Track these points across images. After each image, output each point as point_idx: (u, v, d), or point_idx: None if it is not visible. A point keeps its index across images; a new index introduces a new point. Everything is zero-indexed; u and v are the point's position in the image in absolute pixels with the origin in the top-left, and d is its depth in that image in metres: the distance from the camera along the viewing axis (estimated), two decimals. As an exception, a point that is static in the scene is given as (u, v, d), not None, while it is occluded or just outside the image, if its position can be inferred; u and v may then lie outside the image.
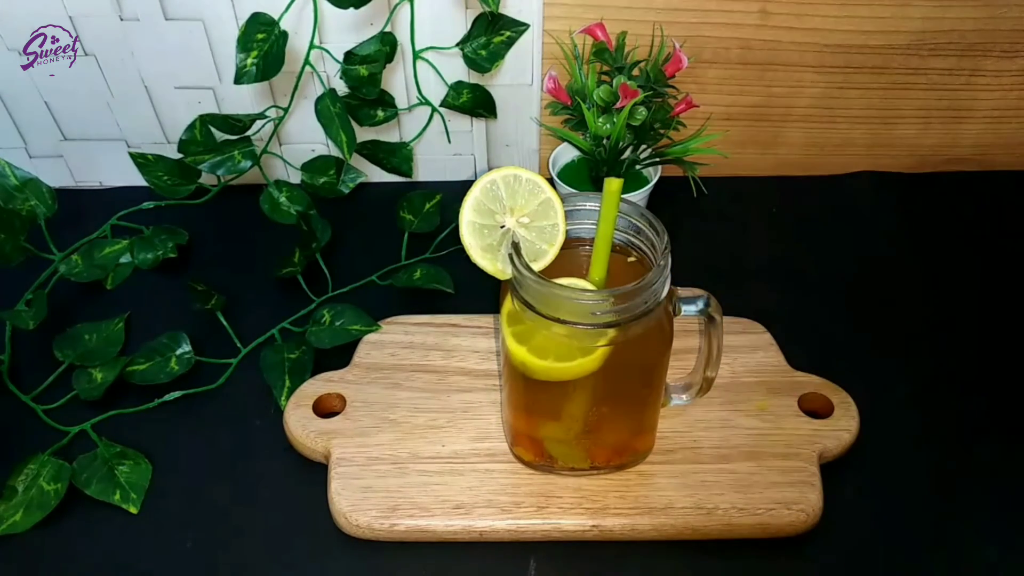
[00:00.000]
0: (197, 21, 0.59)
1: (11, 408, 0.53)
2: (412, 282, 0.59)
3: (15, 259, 0.54)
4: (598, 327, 0.38)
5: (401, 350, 0.54)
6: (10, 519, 0.46)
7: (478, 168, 0.70)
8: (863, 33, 0.62)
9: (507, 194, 0.40)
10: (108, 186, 0.69)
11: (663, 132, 0.59)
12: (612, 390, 0.42)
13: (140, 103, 0.64)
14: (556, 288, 0.37)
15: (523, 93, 0.64)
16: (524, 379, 0.42)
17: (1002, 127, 0.68)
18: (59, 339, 0.55)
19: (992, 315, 0.58)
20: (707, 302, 0.42)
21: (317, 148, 0.67)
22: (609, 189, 0.38)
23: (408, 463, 0.48)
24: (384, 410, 0.50)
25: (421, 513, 0.45)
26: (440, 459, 0.48)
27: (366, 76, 0.56)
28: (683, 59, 0.57)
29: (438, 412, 0.50)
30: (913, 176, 0.70)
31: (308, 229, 0.59)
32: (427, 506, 0.46)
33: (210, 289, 0.56)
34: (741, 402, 0.50)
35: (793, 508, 0.45)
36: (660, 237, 0.39)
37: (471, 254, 0.40)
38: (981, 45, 0.63)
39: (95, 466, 0.48)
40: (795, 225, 0.67)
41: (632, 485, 0.47)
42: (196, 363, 0.54)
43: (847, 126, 0.68)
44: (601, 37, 0.58)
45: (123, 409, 0.52)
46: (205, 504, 0.48)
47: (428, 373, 0.52)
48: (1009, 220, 0.66)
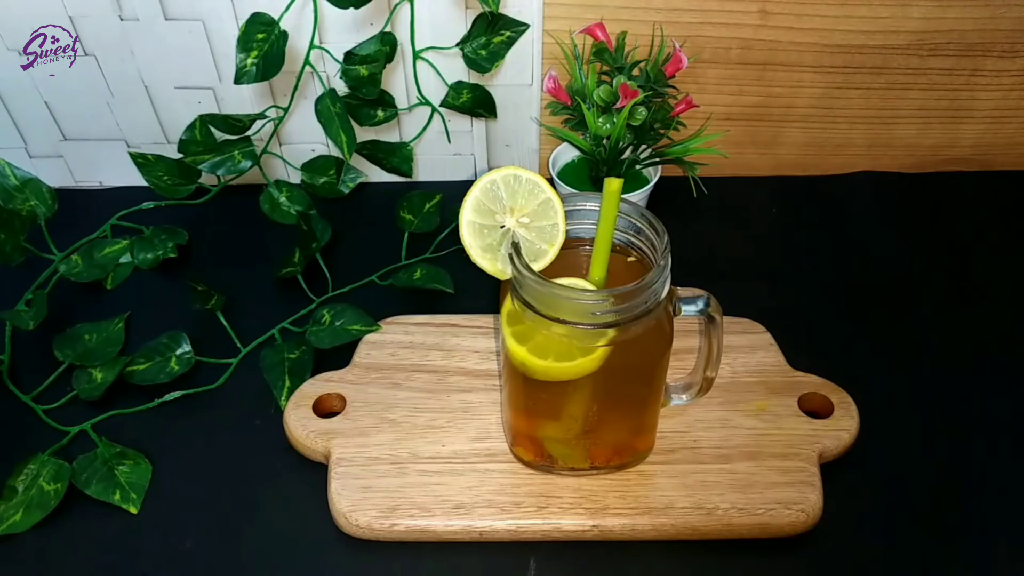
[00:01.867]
0: (197, 21, 0.59)
1: (11, 408, 0.53)
2: (412, 282, 0.59)
3: (15, 259, 0.54)
4: (598, 327, 0.38)
5: (401, 350, 0.54)
6: (10, 519, 0.46)
7: (478, 168, 0.70)
8: (863, 33, 0.62)
9: (507, 194, 0.40)
10: (108, 186, 0.69)
11: (663, 132, 0.59)
12: (612, 390, 0.42)
13: (140, 103, 0.64)
14: (556, 288, 0.37)
15: (523, 93, 0.64)
16: (524, 379, 0.42)
17: (1002, 127, 0.68)
18: (59, 339, 0.55)
19: (991, 315, 0.58)
20: (707, 302, 0.42)
21: (317, 148, 0.67)
22: (609, 189, 0.38)
23: (408, 463, 0.48)
24: (384, 410, 0.50)
25: (421, 513, 0.45)
26: (440, 459, 0.48)
27: (366, 76, 0.56)
28: (683, 59, 0.57)
29: (438, 412, 0.50)
30: (913, 176, 0.70)
31: (308, 229, 0.58)
32: (427, 506, 0.46)
33: (210, 289, 0.56)
34: (741, 402, 0.50)
35: (793, 508, 0.45)
36: (660, 237, 0.39)
37: (471, 254, 0.40)
38: (981, 45, 0.63)
39: (95, 466, 0.48)
40: (795, 225, 0.67)
41: (632, 485, 0.47)
42: (196, 363, 0.54)
43: (847, 126, 0.68)
44: (601, 37, 0.58)
45: (123, 409, 0.52)
46: (204, 504, 0.48)
47: (428, 373, 0.52)
48: (1009, 220, 0.66)
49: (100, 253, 0.61)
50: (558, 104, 0.60)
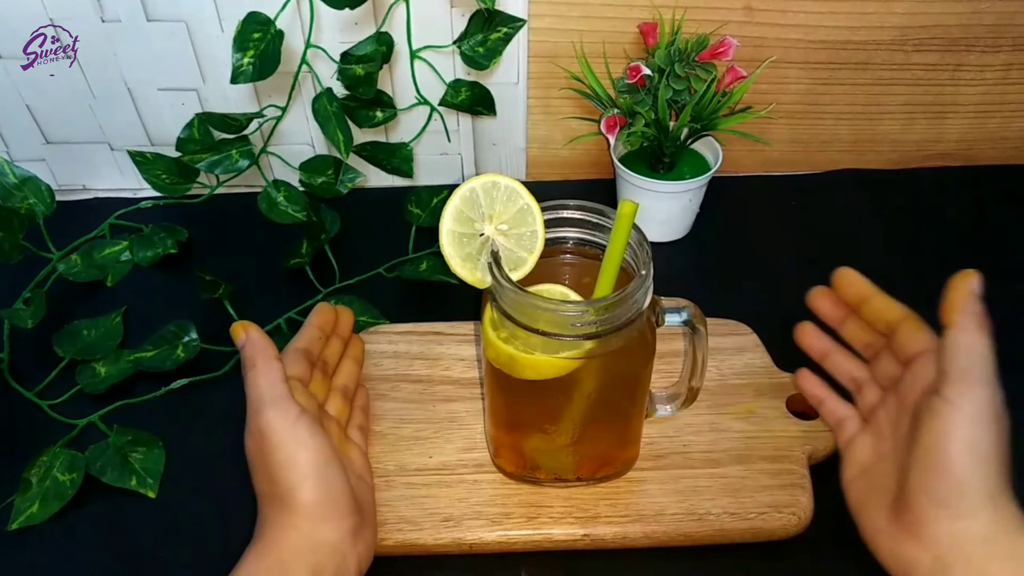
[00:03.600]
0: (180, 22, 0.59)
1: (14, 405, 0.53)
2: (418, 274, 0.60)
3: (13, 257, 0.55)
4: (579, 338, 0.38)
5: (385, 360, 0.53)
6: (27, 511, 0.47)
7: (465, 167, 0.69)
8: (847, 29, 0.62)
9: (486, 202, 0.40)
10: (91, 188, 0.69)
11: (719, 102, 0.58)
12: (594, 401, 0.41)
13: (123, 105, 0.63)
14: (535, 299, 0.37)
15: (510, 92, 0.64)
16: (506, 388, 0.41)
17: (986, 121, 0.68)
18: (58, 336, 0.55)
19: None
20: (691, 312, 0.41)
21: (316, 148, 0.66)
22: (623, 211, 0.38)
23: (395, 476, 0.47)
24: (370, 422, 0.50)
25: (410, 527, 0.45)
26: (427, 471, 0.47)
27: (362, 76, 0.56)
28: (732, 43, 0.57)
29: (424, 423, 0.50)
30: (898, 172, 0.70)
31: (317, 220, 0.59)
32: (415, 520, 0.45)
33: (217, 279, 0.56)
34: (729, 405, 0.50)
35: (784, 511, 0.45)
36: (642, 247, 0.38)
37: (451, 264, 0.40)
38: (964, 40, 0.63)
39: (108, 454, 0.49)
40: (779, 223, 0.66)
41: (622, 492, 0.46)
42: (203, 353, 0.55)
43: (832, 122, 0.68)
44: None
45: (129, 399, 0.53)
46: (214, 490, 0.48)
47: (413, 383, 0.52)
48: (995, 214, 0.66)
49: (100, 253, 0.61)
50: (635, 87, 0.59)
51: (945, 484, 0.35)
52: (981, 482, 0.35)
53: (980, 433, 0.35)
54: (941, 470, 0.35)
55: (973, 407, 0.35)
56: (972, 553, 0.35)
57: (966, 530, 0.35)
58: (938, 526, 0.35)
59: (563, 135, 0.68)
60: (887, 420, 0.40)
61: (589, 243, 0.42)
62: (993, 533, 0.35)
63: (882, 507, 0.38)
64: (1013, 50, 0.64)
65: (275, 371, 0.40)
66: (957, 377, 0.35)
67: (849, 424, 0.42)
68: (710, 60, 0.57)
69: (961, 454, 0.35)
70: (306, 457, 0.38)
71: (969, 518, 0.35)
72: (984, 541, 0.35)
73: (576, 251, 0.42)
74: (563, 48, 0.62)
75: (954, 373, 0.35)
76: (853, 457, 0.41)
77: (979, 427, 0.35)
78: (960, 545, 0.35)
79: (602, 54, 0.61)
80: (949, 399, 0.35)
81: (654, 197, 0.61)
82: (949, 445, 0.35)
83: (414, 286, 0.60)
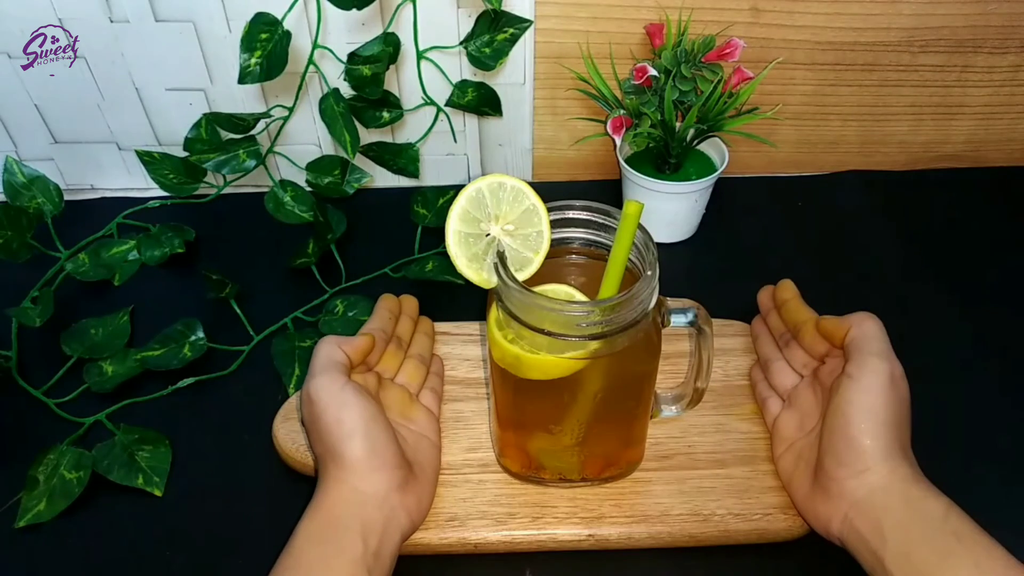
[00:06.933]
0: (188, 22, 0.59)
1: (22, 404, 0.53)
2: (424, 274, 0.60)
3: (22, 256, 0.55)
4: (584, 339, 0.38)
5: (392, 360, 0.53)
6: (34, 508, 0.47)
7: (471, 168, 0.69)
8: (854, 30, 0.62)
9: (492, 202, 0.40)
10: (99, 187, 0.69)
11: (725, 103, 0.58)
12: (599, 402, 0.41)
13: (131, 105, 0.63)
14: (541, 300, 0.37)
15: (516, 92, 0.64)
16: (512, 387, 0.42)
17: (993, 123, 0.68)
18: (65, 334, 0.56)
19: (985, 311, 0.58)
20: (697, 313, 0.41)
21: (323, 148, 0.67)
22: (628, 212, 0.38)
23: (400, 475, 0.47)
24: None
25: (414, 526, 0.45)
26: (432, 470, 0.47)
27: (369, 76, 0.56)
28: (738, 44, 0.57)
29: (430, 422, 0.50)
30: (905, 173, 0.70)
31: (324, 220, 0.59)
32: (420, 519, 0.45)
33: (224, 278, 0.56)
34: (735, 406, 0.50)
35: (789, 513, 0.45)
36: (648, 247, 0.38)
37: (457, 265, 0.40)
38: (971, 41, 0.63)
39: (115, 453, 0.49)
40: (785, 224, 0.66)
41: (627, 493, 0.46)
42: (209, 352, 0.55)
43: (839, 123, 0.68)
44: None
45: (136, 398, 0.53)
46: (221, 488, 0.49)
47: (419, 383, 0.52)
48: (1002, 216, 0.66)
49: (108, 253, 0.61)
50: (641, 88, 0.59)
51: (846, 445, 0.41)
52: (877, 441, 0.40)
53: (874, 399, 0.41)
54: (842, 434, 0.41)
55: (868, 378, 0.41)
56: (873, 503, 0.40)
57: (867, 484, 0.40)
58: (844, 483, 0.41)
59: (569, 136, 0.68)
60: (811, 402, 0.46)
61: (595, 243, 0.42)
62: (890, 483, 0.40)
63: (807, 476, 0.43)
64: (1020, 51, 0.64)
65: (331, 346, 0.45)
66: (854, 355, 0.43)
67: (771, 404, 0.48)
68: (716, 61, 0.57)
69: (857, 418, 0.41)
70: (351, 416, 0.42)
71: (869, 473, 0.40)
72: (882, 491, 0.40)
73: (582, 251, 0.42)
74: (569, 49, 0.62)
75: (852, 353, 0.43)
76: (780, 434, 0.47)
77: (873, 394, 0.41)
78: (863, 498, 0.40)
79: (608, 55, 0.61)
80: (849, 374, 0.42)
81: (660, 198, 0.61)
82: (848, 411, 0.41)
83: (420, 286, 0.60)
